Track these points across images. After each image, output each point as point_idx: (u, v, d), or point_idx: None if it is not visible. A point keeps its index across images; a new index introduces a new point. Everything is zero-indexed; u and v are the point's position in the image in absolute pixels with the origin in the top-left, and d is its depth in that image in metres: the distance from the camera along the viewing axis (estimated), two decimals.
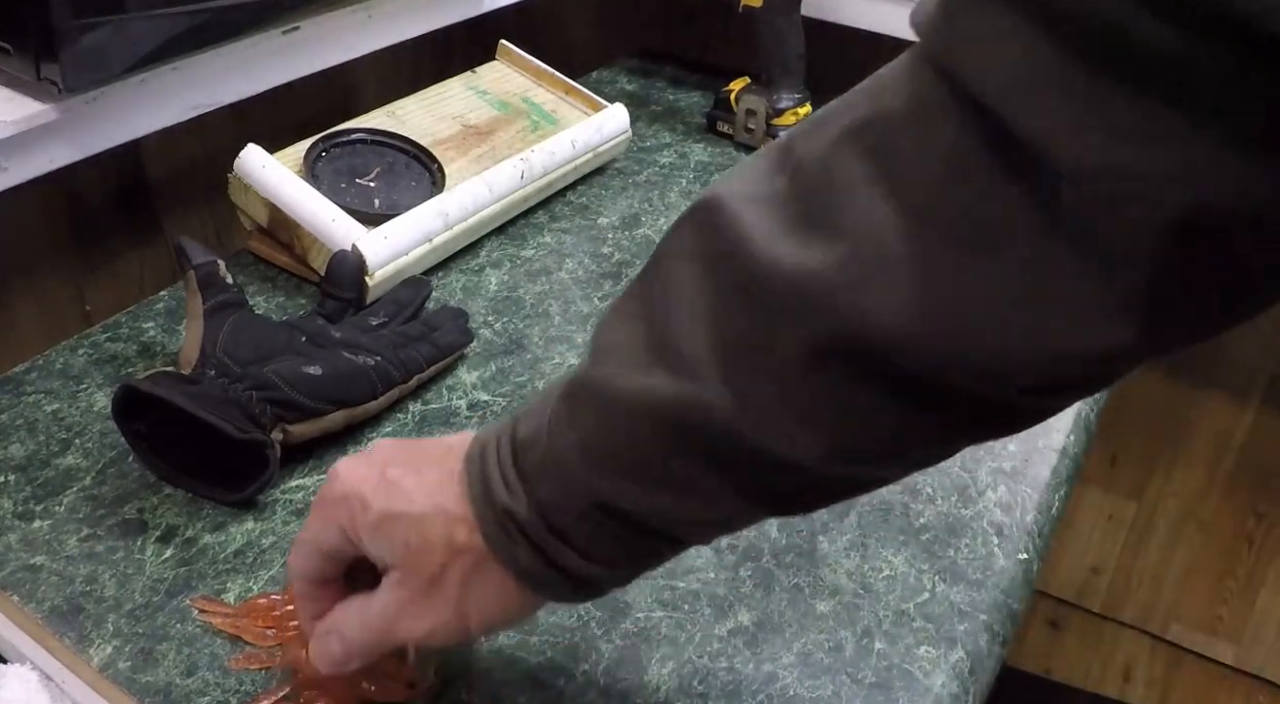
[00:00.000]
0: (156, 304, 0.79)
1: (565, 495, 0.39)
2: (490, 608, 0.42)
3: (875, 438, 0.36)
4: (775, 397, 0.35)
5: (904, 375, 0.33)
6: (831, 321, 0.33)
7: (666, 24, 1.36)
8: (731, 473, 0.37)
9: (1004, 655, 0.58)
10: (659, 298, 0.37)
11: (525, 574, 0.40)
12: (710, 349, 0.35)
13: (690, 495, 0.38)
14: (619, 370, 0.37)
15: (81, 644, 0.53)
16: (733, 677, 0.54)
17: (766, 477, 0.37)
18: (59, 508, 0.61)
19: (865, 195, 0.33)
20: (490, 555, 0.40)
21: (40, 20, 0.63)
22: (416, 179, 0.86)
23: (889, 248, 0.32)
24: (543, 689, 0.52)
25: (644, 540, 0.40)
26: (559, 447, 0.39)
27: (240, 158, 0.80)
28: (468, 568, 0.41)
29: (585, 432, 0.38)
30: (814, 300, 0.33)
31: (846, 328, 0.33)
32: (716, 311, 0.35)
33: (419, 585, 0.42)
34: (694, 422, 0.36)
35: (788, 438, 0.35)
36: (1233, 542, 1.47)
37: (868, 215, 0.32)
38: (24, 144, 0.67)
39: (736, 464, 0.37)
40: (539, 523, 0.39)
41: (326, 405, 0.63)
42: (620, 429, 0.37)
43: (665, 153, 1.05)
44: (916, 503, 0.65)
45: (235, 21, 0.76)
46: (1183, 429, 1.43)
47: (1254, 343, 1.34)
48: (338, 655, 0.45)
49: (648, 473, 0.37)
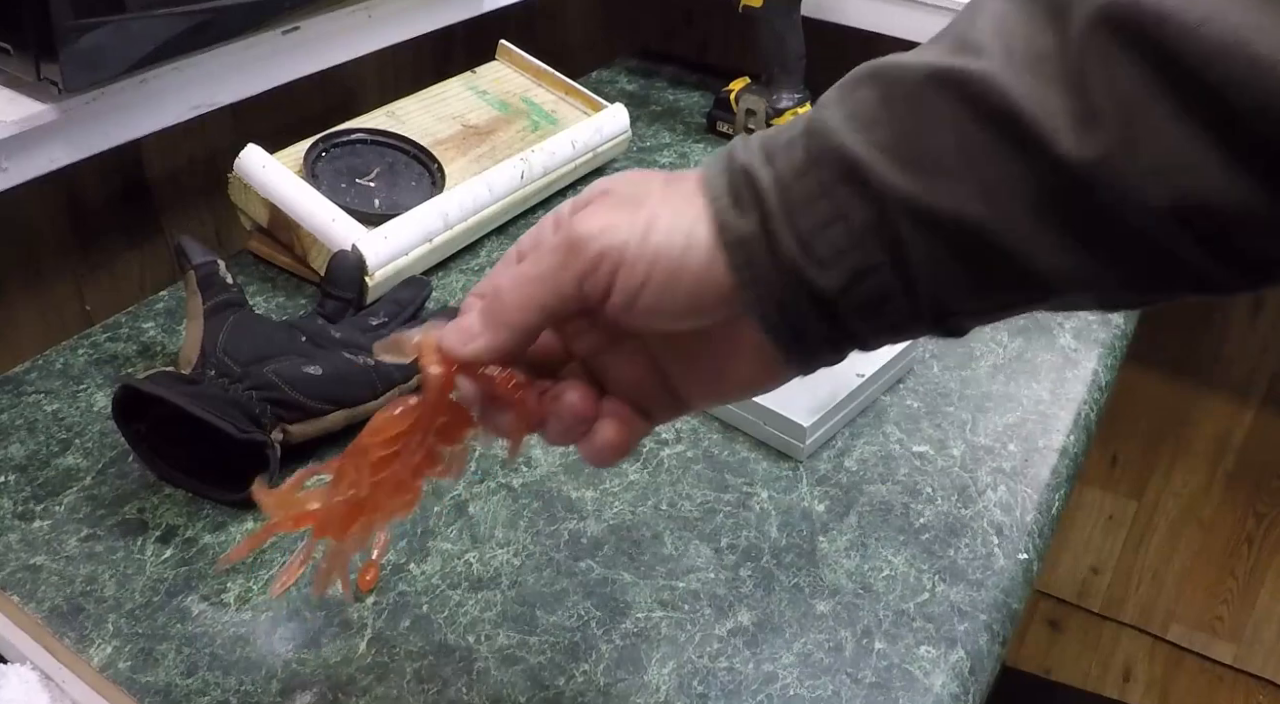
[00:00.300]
0: (156, 304, 0.79)
1: (819, 159, 0.34)
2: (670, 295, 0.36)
3: (1152, 144, 0.31)
4: (1063, 92, 0.31)
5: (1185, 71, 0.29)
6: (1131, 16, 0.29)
7: (666, 24, 1.36)
8: (993, 153, 0.32)
9: (1004, 655, 0.59)
10: (965, 19, 0.34)
11: (743, 260, 0.35)
12: (1006, 50, 0.31)
13: (943, 179, 0.33)
14: (905, 59, 0.33)
15: (81, 644, 0.53)
16: (733, 677, 0.54)
17: (1030, 165, 0.32)
18: (59, 508, 0.61)
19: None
20: (706, 220, 0.35)
21: (40, 20, 0.63)
22: (416, 179, 0.87)
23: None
24: (543, 689, 0.53)
25: (937, 253, 0.34)
26: (820, 118, 0.34)
27: (240, 158, 0.80)
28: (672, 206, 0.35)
29: (856, 105, 0.34)
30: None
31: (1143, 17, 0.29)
32: (1023, 28, 0.32)
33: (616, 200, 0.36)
34: (974, 90, 0.32)
35: (1065, 131, 0.31)
36: (1233, 542, 1.47)
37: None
38: (24, 144, 0.67)
39: (1000, 136, 0.32)
40: (773, 191, 0.34)
41: (326, 405, 0.63)
42: (905, 101, 0.33)
43: (665, 153, 1.05)
44: (916, 503, 0.65)
45: (235, 21, 0.76)
46: (1183, 429, 1.43)
47: (1254, 343, 1.34)
48: (473, 328, 0.38)
49: (910, 146, 0.33)
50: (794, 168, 0.34)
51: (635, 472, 0.66)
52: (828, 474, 0.67)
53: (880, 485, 0.66)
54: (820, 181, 0.34)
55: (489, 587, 0.58)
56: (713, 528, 0.63)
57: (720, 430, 0.70)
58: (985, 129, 0.32)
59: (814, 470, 0.67)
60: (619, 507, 0.64)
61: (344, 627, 0.55)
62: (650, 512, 0.63)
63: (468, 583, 0.58)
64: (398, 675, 0.53)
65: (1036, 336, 0.81)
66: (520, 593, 0.58)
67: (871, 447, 0.69)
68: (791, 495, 0.65)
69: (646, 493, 0.65)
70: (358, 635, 0.55)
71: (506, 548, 0.60)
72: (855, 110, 0.34)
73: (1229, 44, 0.29)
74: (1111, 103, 0.30)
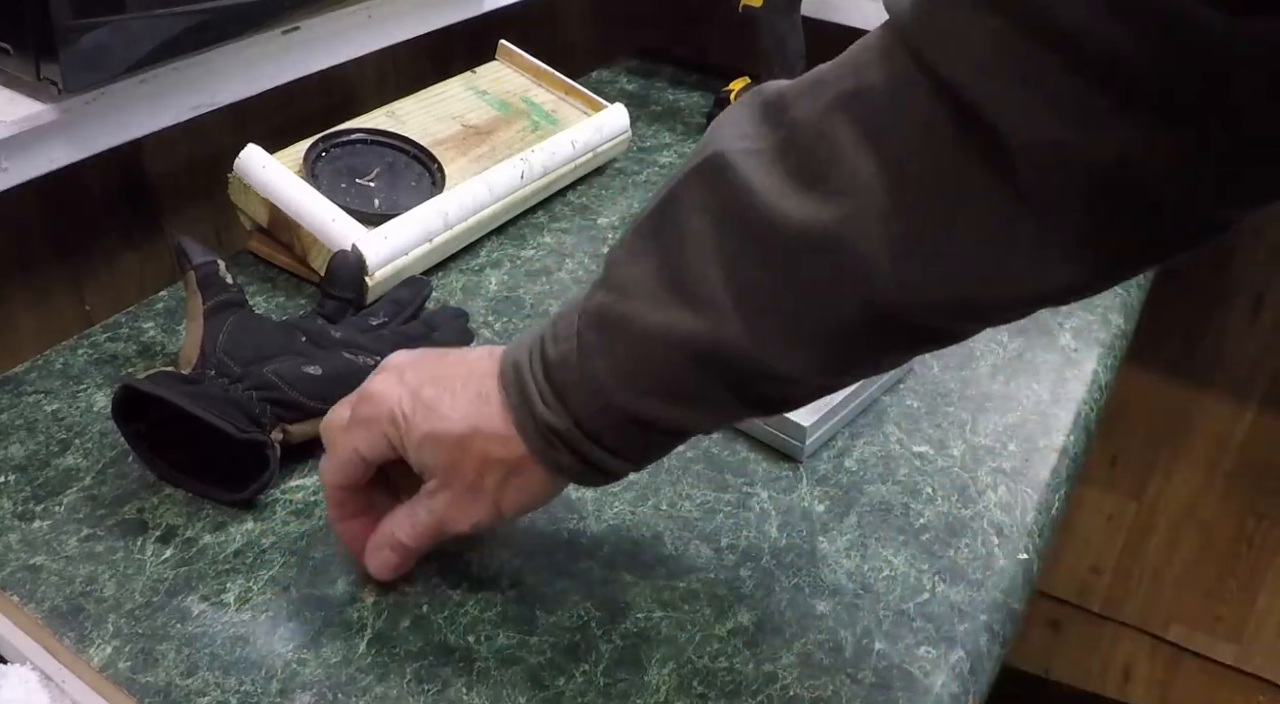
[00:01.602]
0: (156, 304, 0.79)
1: (601, 412, 0.46)
2: (524, 497, 0.50)
3: (859, 360, 0.45)
4: (783, 328, 0.43)
5: (893, 314, 0.41)
6: (835, 269, 0.40)
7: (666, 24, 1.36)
8: (739, 387, 0.45)
9: (1004, 655, 0.59)
10: (675, 242, 0.44)
11: (563, 470, 0.49)
12: (726, 290, 0.42)
13: (705, 406, 0.46)
14: (643, 307, 0.44)
15: (81, 644, 0.53)
16: (733, 677, 0.54)
17: (767, 388, 0.46)
18: (59, 508, 0.61)
19: (854, 158, 0.39)
20: (531, 461, 0.48)
21: (40, 20, 0.63)
22: (416, 179, 0.87)
23: (878, 205, 0.39)
24: (543, 689, 0.52)
25: (663, 439, 0.49)
26: (593, 371, 0.46)
27: (240, 158, 0.80)
28: (505, 473, 0.49)
29: (616, 361, 0.45)
30: (821, 250, 0.40)
31: (853, 273, 0.40)
32: (732, 258, 0.42)
33: (461, 490, 0.50)
34: (713, 351, 0.43)
35: (790, 359, 0.43)
36: (1233, 542, 1.47)
37: (856, 176, 0.39)
38: (24, 144, 0.67)
39: (746, 381, 0.45)
40: (577, 433, 0.47)
41: (326, 405, 0.63)
42: (649, 358, 0.45)
43: (665, 153, 1.05)
44: (916, 503, 0.65)
45: (235, 21, 0.76)
46: (1183, 429, 1.43)
47: (1254, 343, 1.34)
48: (395, 562, 0.54)
49: (672, 392, 0.45)
50: (584, 414, 0.47)
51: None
52: (828, 474, 0.67)
53: (880, 485, 0.66)
54: (607, 424, 0.47)
55: (489, 587, 0.58)
56: (713, 528, 0.63)
57: (720, 430, 0.70)
58: (702, 373, 0.45)
59: (814, 471, 0.67)
60: (619, 507, 0.64)
61: (344, 627, 0.55)
62: (650, 512, 0.63)
63: (468, 583, 0.58)
64: (398, 675, 0.53)
65: (1036, 337, 0.81)
66: (520, 593, 0.58)
67: (871, 447, 0.69)
68: (791, 496, 0.65)
69: (646, 493, 0.65)
70: (358, 635, 0.55)
71: (506, 548, 0.60)
72: (616, 364, 0.46)
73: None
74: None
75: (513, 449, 0.48)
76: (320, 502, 0.62)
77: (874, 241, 0.39)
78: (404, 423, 0.49)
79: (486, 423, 0.48)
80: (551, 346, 0.48)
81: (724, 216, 0.43)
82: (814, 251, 0.41)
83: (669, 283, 0.44)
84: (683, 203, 0.44)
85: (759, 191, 0.41)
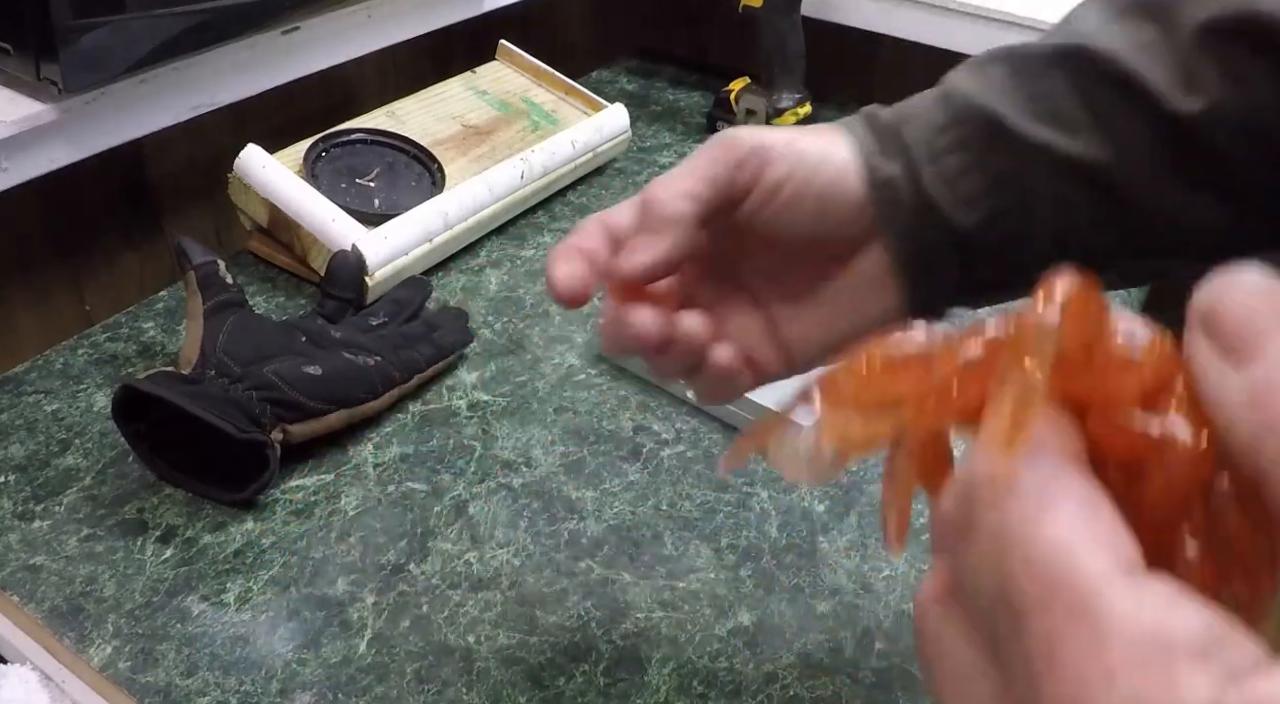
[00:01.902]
0: (156, 304, 0.79)
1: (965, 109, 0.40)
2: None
3: (1248, 103, 0.38)
4: (1169, 67, 0.38)
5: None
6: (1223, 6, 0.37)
7: (666, 24, 1.36)
8: (1114, 110, 0.39)
9: None
10: (1065, 25, 0.41)
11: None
12: (1113, 36, 0.39)
13: (1073, 131, 0.39)
14: (1030, 44, 0.41)
15: (81, 644, 0.53)
16: (733, 677, 0.54)
17: (1145, 119, 0.39)
18: (59, 508, 0.61)
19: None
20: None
21: (40, 20, 0.63)
22: (416, 179, 0.87)
23: None
24: (543, 689, 0.52)
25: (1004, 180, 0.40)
26: (960, 88, 0.41)
27: (240, 158, 0.80)
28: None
29: (992, 78, 0.40)
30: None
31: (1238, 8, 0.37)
32: (1122, 26, 0.39)
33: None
34: (1096, 61, 0.39)
35: (1171, 93, 0.38)
36: None
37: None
38: (24, 144, 0.67)
39: (1120, 97, 0.39)
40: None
41: (326, 405, 0.63)
42: (1027, 71, 0.40)
43: (665, 153, 1.05)
44: (917, 503, 0.65)
45: (235, 21, 0.76)
46: None
47: None
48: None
49: (1043, 106, 0.39)
50: (934, 126, 0.40)
51: (635, 472, 0.66)
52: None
53: (880, 485, 0.66)
54: (960, 137, 0.40)
55: (489, 587, 0.58)
56: (713, 528, 0.63)
57: (720, 430, 0.70)
58: (1108, 92, 0.39)
59: None
60: (619, 507, 0.64)
61: (344, 627, 0.55)
62: (650, 512, 0.63)
63: (468, 583, 0.58)
64: (398, 675, 0.53)
65: None
66: (520, 593, 0.58)
67: None
68: (791, 495, 0.65)
69: (646, 493, 0.65)
70: (358, 635, 0.55)
71: (506, 548, 0.60)
72: (989, 81, 0.40)
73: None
74: (1216, 76, 0.37)
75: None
76: (320, 502, 0.62)
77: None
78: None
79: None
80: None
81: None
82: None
83: (1058, 35, 0.41)
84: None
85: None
